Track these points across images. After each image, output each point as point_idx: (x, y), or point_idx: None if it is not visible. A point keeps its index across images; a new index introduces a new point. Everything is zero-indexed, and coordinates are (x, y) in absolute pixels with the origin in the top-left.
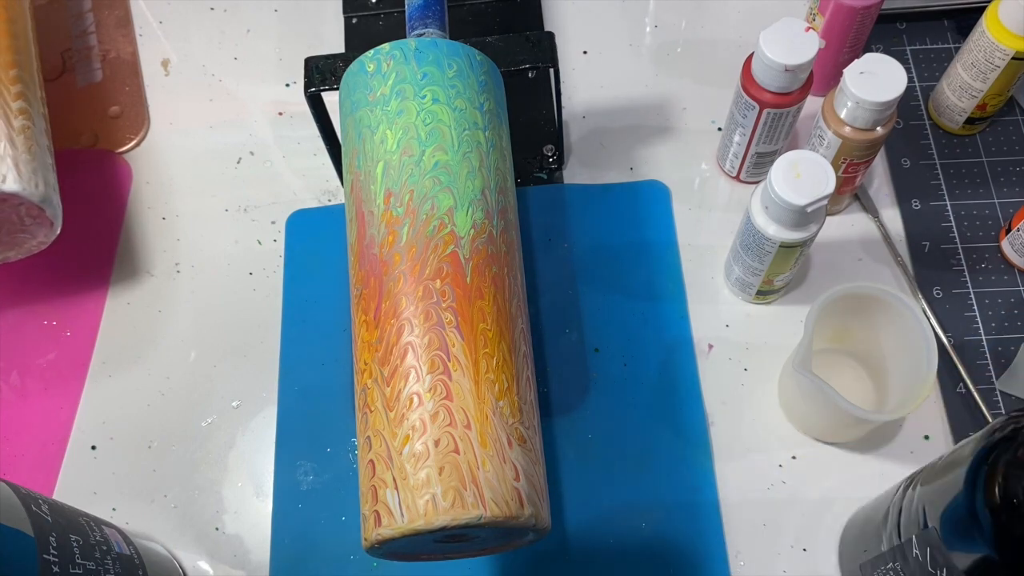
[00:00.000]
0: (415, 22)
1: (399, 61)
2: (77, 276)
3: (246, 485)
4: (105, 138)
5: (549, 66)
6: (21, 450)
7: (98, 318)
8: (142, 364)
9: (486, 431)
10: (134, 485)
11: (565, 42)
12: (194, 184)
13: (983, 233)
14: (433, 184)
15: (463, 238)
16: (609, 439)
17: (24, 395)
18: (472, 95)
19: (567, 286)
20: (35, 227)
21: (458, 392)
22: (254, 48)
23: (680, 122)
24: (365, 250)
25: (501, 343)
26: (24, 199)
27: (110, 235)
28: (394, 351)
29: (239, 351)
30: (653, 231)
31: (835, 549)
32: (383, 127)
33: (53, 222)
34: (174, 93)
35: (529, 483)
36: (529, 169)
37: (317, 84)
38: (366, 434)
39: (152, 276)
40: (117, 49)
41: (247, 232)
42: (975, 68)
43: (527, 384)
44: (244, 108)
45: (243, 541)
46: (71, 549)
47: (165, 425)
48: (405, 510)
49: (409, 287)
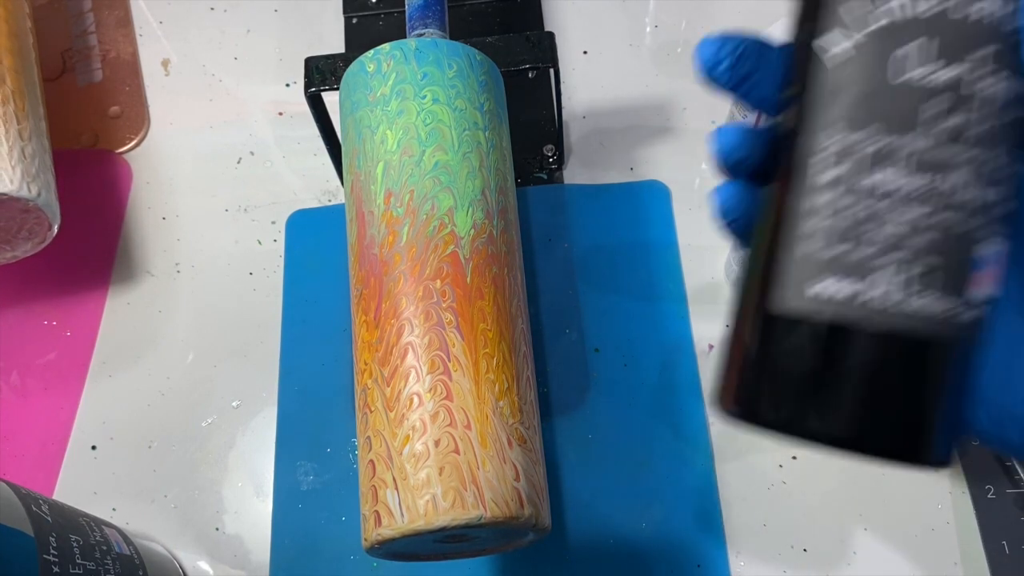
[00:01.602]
0: (415, 22)
1: (399, 61)
2: (77, 276)
3: (246, 485)
4: (105, 138)
5: (549, 66)
6: (21, 450)
7: (98, 318)
8: (142, 364)
9: (486, 431)
10: (134, 485)
11: (565, 42)
12: (194, 184)
13: None
14: (433, 184)
15: (463, 238)
16: (609, 439)
17: (24, 395)
18: (472, 95)
19: (567, 286)
20: (33, 228)
21: (458, 392)
22: (254, 48)
23: (680, 122)
24: (365, 250)
25: (501, 343)
26: (22, 200)
27: (110, 235)
28: (394, 351)
29: (239, 351)
30: (653, 231)
31: (835, 549)
32: (383, 127)
33: (51, 223)
34: (174, 93)
35: (529, 483)
36: (529, 169)
37: (317, 84)
38: (366, 434)
39: (152, 276)
40: (117, 49)
41: (247, 232)
42: None
43: (527, 384)
44: (244, 108)
45: (243, 541)
46: (71, 549)
47: (165, 425)
48: (405, 510)
49: (409, 287)
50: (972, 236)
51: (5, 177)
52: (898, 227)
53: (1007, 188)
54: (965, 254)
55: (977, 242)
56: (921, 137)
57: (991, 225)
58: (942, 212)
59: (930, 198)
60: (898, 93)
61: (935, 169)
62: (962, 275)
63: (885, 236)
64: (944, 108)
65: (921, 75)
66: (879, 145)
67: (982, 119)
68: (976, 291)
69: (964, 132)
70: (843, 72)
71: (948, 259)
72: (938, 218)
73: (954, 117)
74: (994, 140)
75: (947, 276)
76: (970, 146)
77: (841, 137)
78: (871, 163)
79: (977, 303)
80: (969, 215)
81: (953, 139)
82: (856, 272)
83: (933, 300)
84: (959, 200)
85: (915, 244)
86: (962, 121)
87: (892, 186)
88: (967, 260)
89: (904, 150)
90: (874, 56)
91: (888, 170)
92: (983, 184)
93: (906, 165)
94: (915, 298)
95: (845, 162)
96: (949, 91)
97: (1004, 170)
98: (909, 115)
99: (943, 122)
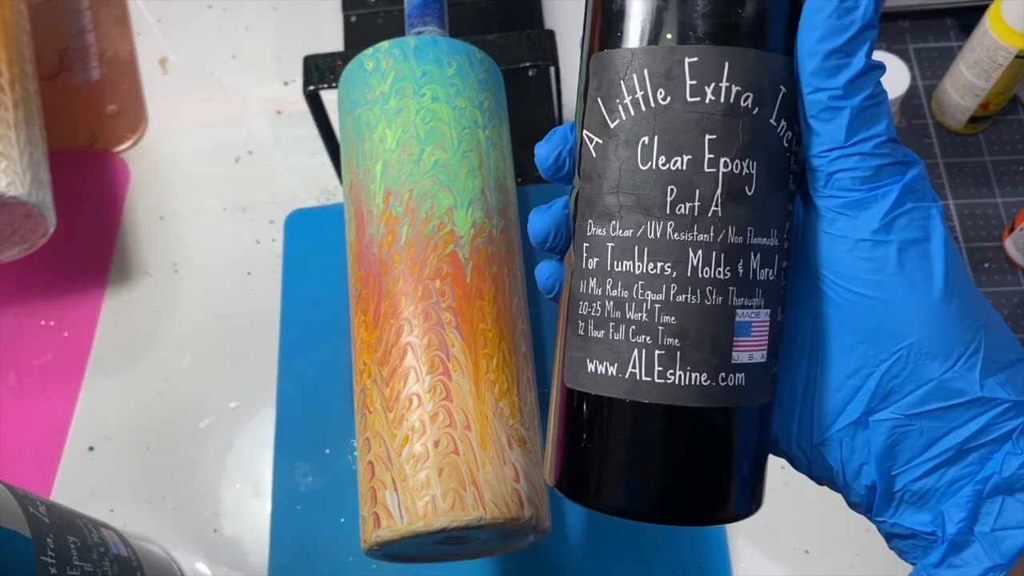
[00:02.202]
0: (414, 20)
1: (398, 59)
2: (74, 276)
3: (244, 486)
4: (103, 137)
5: (549, 64)
6: (19, 451)
7: (95, 318)
8: (140, 365)
9: (486, 432)
10: (132, 486)
11: (566, 40)
12: (192, 183)
13: (986, 233)
14: (432, 183)
15: (463, 237)
16: None
17: (22, 396)
18: (472, 93)
19: None
20: (28, 228)
21: (458, 393)
22: (253, 46)
23: None
24: (364, 250)
25: (501, 343)
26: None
27: (107, 235)
28: (393, 351)
29: (237, 351)
30: None
31: (836, 551)
32: (382, 126)
33: (46, 222)
34: (172, 92)
35: (529, 484)
36: (529, 168)
37: (316, 82)
38: (365, 435)
39: (150, 276)
40: (115, 47)
41: (245, 232)
42: (978, 67)
43: (527, 385)
44: (242, 107)
45: (241, 543)
46: (68, 551)
47: (163, 426)
48: (404, 512)
49: (408, 287)
50: (720, 310)
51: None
52: (639, 313)
53: (755, 260)
54: (712, 328)
55: (725, 315)
56: (659, 222)
57: (744, 296)
58: (682, 294)
59: (668, 281)
60: (642, 179)
61: (669, 254)
62: (712, 347)
63: (630, 321)
64: (679, 193)
65: (662, 162)
66: (624, 232)
67: (708, 202)
68: (738, 356)
69: (694, 216)
70: (598, 160)
71: (692, 337)
72: (679, 299)
73: (687, 202)
74: (727, 220)
75: (695, 351)
76: (702, 229)
77: (594, 223)
78: (618, 249)
79: (743, 366)
80: (712, 292)
81: (686, 224)
82: (611, 355)
83: (685, 374)
84: (698, 280)
85: (657, 327)
86: (695, 205)
87: (638, 270)
88: (715, 334)
89: (648, 234)
90: (619, 147)
91: (632, 255)
92: (722, 262)
93: (647, 249)
94: (670, 373)
95: (598, 249)
96: (678, 179)
97: (745, 247)
98: (650, 200)
99: (679, 207)
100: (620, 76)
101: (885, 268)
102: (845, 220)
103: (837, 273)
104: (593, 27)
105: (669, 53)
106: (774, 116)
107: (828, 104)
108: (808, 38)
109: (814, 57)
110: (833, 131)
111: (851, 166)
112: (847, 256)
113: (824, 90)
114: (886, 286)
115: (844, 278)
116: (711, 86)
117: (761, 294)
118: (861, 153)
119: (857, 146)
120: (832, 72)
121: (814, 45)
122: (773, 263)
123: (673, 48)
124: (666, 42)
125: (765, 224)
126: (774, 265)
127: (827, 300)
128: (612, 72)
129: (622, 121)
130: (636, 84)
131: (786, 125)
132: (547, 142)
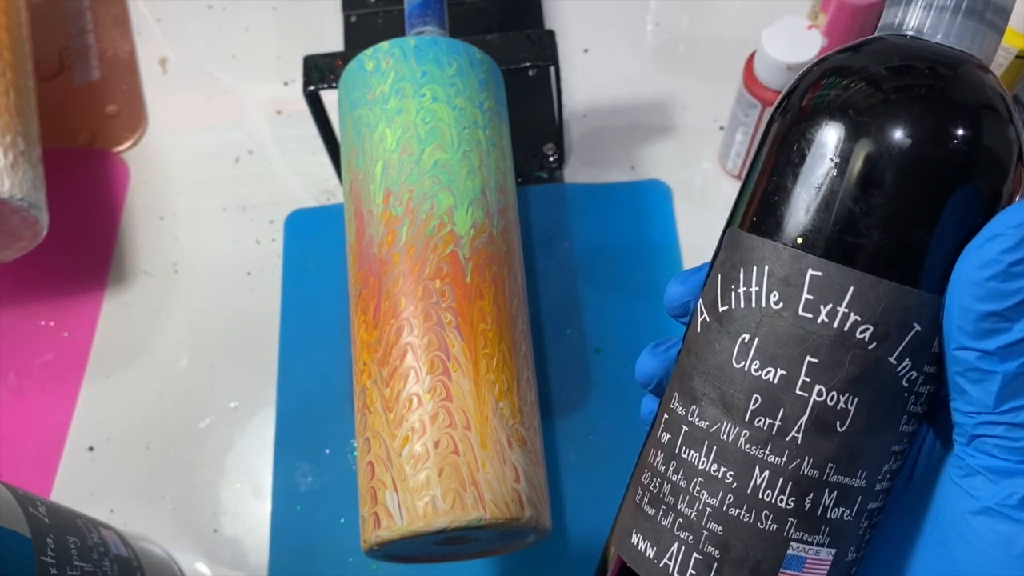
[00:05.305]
0: (414, 20)
1: (398, 59)
2: (74, 276)
3: (244, 487)
4: (102, 137)
5: (550, 64)
6: (18, 451)
7: (95, 318)
8: (140, 364)
9: (486, 432)
10: (132, 486)
11: (566, 40)
12: (192, 183)
13: None
14: (433, 183)
15: (463, 237)
16: (610, 440)
17: (21, 396)
18: (472, 93)
19: (568, 286)
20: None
21: (458, 393)
22: (252, 46)
23: (682, 121)
24: (364, 250)
25: (501, 343)
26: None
27: (107, 235)
28: (393, 351)
29: (237, 351)
30: (654, 231)
31: None
32: (382, 126)
33: (39, 224)
34: (172, 92)
35: (530, 485)
36: (529, 168)
37: (316, 82)
38: (365, 435)
39: (149, 276)
40: (115, 47)
41: (245, 232)
42: None
43: (528, 385)
44: (242, 107)
45: (241, 543)
46: (68, 551)
47: (163, 426)
48: (404, 512)
49: (408, 287)
50: (772, 537)
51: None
52: (690, 509)
53: (828, 498)
54: (757, 552)
55: (776, 543)
56: (735, 427)
57: (803, 531)
58: (736, 508)
59: (727, 490)
60: (731, 376)
61: (735, 463)
62: (751, 571)
63: (680, 512)
64: (763, 405)
65: (756, 367)
66: (700, 422)
67: (790, 426)
68: None
69: (771, 434)
70: (700, 336)
71: (733, 553)
72: (731, 512)
73: (768, 417)
74: (805, 450)
75: (732, 569)
76: (775, 450)
77: (679, 398)
78: (689, 436)
79: None
80: (768, 518)
81: (761, 440)
82: (653, 537)
83: None
84: (756, 501)
85: (702, 530)
86: (776, 424)
87: (701, 465)
88: (759, 559)
89: (720, 434)
90: (721, 335)
91: (701, 448)
92: (787, 491)
93: (716, 449)
94: None
95: (673, 426)
96: (765, 390)
97: (820, 482)
98: (732, 401)
99: (759, 419)
100: (742, 262)
101: (1012, 548)
102: (983, 481)
103: (952, 525)
104: (742, 193)
105: (794, 259)
106: (896, 355)
107: (977, 365)
108: (962, 293)
109: (967, 315)
110: (981, 395)
111: (999, 434)
112: (971, 516)
113: (974, 351)
114: (1004, 565)
115: (959, 534)
116: (827, 307)
117: (828, 532)
118: (1011, 424)
119: (1009, 415)
120: (986, 334)
121: (969, 302)
122: (854, 504)
123: (800, 255)
124: (796, 245)
125: (852, 464)
126: (854, 507)
127: (929, 542)
128: (737, 255)
129: (731, 309)
130: (755, 278)
131: (910, 365)
132: (682, 283)
